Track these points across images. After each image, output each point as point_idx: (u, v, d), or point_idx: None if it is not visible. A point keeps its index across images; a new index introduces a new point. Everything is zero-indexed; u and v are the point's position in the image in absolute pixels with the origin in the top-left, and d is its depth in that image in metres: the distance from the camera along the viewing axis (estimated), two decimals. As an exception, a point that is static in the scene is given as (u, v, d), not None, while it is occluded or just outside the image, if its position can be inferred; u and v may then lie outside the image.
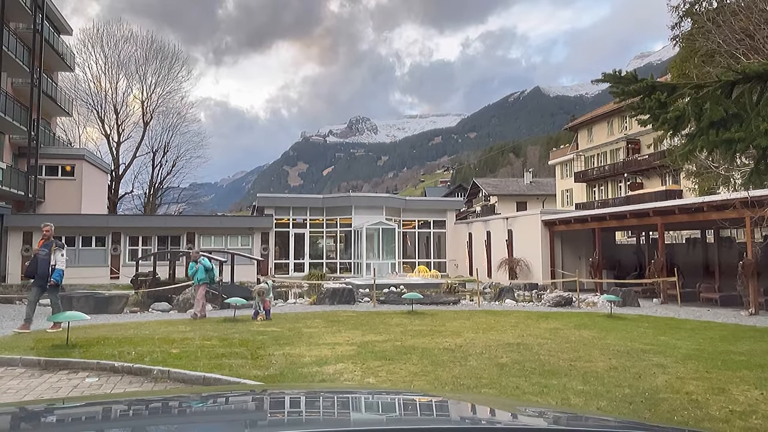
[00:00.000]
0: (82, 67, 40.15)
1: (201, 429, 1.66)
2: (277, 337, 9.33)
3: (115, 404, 2.03)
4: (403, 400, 2.15)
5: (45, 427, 1.65)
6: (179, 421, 1.75)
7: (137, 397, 2.54)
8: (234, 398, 2.15)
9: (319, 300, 16.46)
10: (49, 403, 2.34)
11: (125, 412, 1.88)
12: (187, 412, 1.87)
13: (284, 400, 2.06)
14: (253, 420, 1.79)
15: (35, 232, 24.66)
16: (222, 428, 1.66)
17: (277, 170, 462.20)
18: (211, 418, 1.81)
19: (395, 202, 32.23)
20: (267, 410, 1.91)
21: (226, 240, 28.59)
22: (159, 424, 1.72)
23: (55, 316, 8.44)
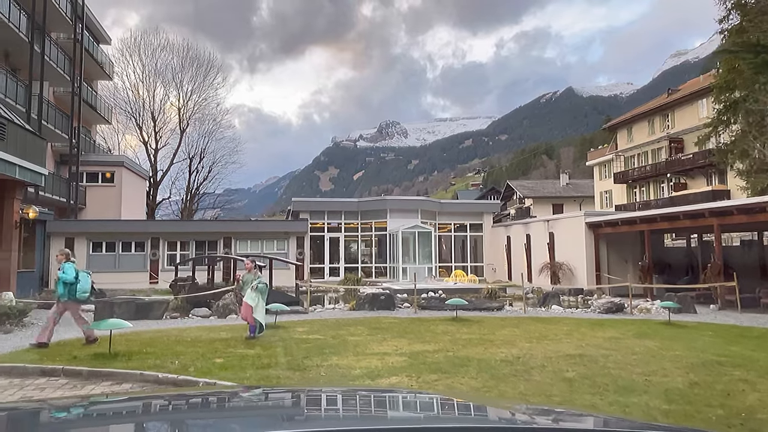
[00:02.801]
0: (121, 76, 40.99)
1: (201, 428, 1.65)
2: (321, 346, 8.95)
3: (115, 404, 2.04)
4: (404, 399, 2.17)
5: (45, 426, 1.65)
6: (179, 421, 1.75)
7: (138, 397, 2.51)
8: (234, 398, 2.14)
9: (358, 305, 16.07)
10: (50, 403, 2.32)
11: (126, 411, 1.89)
12: (187, 412, 1.86)
13: (284, 400, 2.06)
14: (253, 419, 1.77)
15: (77, 238, 25.09)
16: (221, 428, 1.65)
17: (308, 175, 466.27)
18: (210, 418, 1.80)
19: (431, 205, 31.69)
20: (266, 410, 1.90)
21: (262, 244, 28.55)
22: (159, 424, 1.72)
23: (98, 324, 8.25)
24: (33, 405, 2.17)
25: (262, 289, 10.43)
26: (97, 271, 25.00)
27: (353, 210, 30.65)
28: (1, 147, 11.90)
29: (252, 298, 10.20)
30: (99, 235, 25.67)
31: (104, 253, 25.73)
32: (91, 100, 33.40)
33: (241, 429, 1.62)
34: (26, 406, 2.05)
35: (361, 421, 1.75)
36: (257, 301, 10.22)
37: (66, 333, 10.56)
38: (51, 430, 1.65)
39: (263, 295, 10.43)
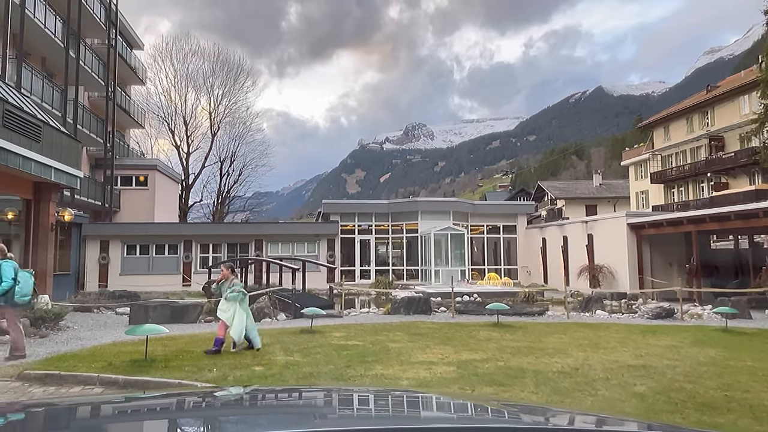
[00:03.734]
0: (153, 81, 41.50)
1: (201, 429, 1.63)
2: (362, 353, 8.54)
3: (116, 404, 2.03)
4: (404, 399, 2.16)
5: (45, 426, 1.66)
6: (179, 421, 1.74)
7: (139, 397, 2.48)
8: (234, 398, 2.14)
9: (393, 309, 15.63)
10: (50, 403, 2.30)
11: (126, 411, 1.87)
12: (187, 412, 1.86)
13: (284, 400, 2.06)
14: (253, 419, 1.77)
15: (112, 241, 25.30)
16: (222, 428, 1.64)
17: (335, 178, 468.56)
18: (211, 418, 1.78)
19: (463, 207, 31.09)
20: (266, 410, 1.91)
21: (293, 247, 28.41)
22: (159, 424, 1.71)
23: (133, 329, 8.01)
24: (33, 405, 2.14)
25: (233, 297, 8.97)
26: (132, 273, 25.31)
27: (384, 212, 30.26)
28: (36, 149, 11.86)
29: (224, 310, 8.95)
30: (133, 237, 25.84)
31: (138, 255, 25.88)
32: (124, 105, 33.83)
33: (241, 429, 1.62)
34: (28, 406, 2.03)
35: (362, 421, 1.75)
36: (232, 313, 8.85)
37: (103, 337, 10.42)
38: (51, 430, 1.65)
39: (242, 304, 9.05)
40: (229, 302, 9.01)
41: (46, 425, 1.68)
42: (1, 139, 10.50)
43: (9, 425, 1.58)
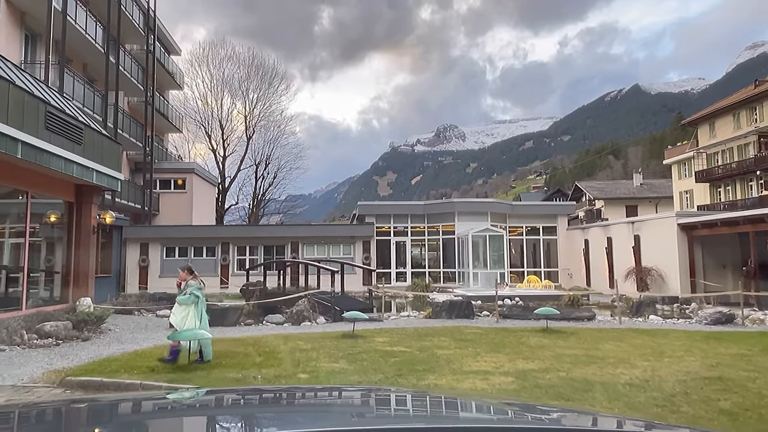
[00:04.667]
0: (190, 86, 42.08)
1: (201, 428, 1.64)
2: (411, 361, 8.13)
3: (117, 404, 2.03)
4: (403, 398, 2.19)
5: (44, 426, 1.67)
6: (179, 421, 1.75)
7: (139, 397, 2.45)
8: (234, 398, 2.14)
9: (434, 313, 15.16)
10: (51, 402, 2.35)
11: (127, 411, 1.86)
12: (187, 412, 1.86)
13: (283, 400, 2.07)
14: (252, 419, 1.75)
15: (151, 243, 25.57)
16: (221, 427, 1.62)
17: (367, 180, 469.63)
18: (211, 418, 1.77)
19: (501, 208, 30.38)
20: (266, 410, 1.90)
21: (328, 249, 28.23)
22: (159, 423, 1.72)
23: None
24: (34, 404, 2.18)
25: (184, 300, 8.20)
26: (171, 275, 25.44)
27: (419, 213, 29.82)
28: (78, 151, 11.88)
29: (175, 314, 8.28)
30: (172, 240, 26.06)
31: (177, 257, 26.08)
32: (163, 110, 34.30)
33: (241, 429, 1.61)
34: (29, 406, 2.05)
35: (362, 420, 1.74)
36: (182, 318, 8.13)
37: (144, 341, 10.29)
38: (51, 430, 1.65)
39: (197, 309, 8.25)
40: (181, 306, 8.32)
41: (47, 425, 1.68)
42: (43, 141, 10.50)
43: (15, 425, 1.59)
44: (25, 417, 1.75)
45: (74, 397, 4.09)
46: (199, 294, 8.37)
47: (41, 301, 12.30)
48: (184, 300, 8.27)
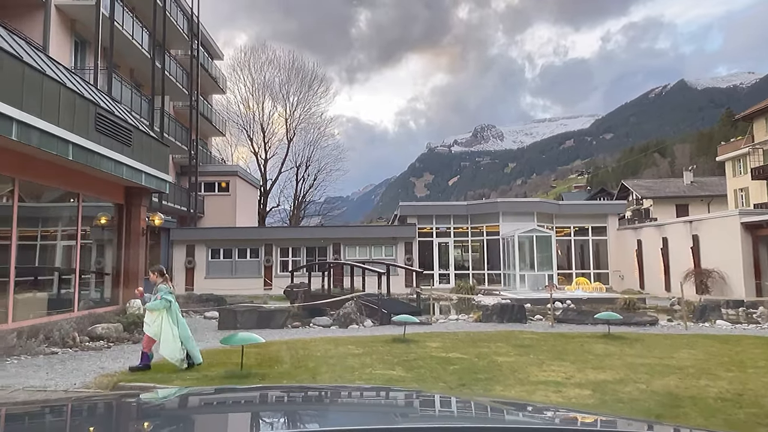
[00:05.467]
0: (232, 90, 42.65)
1: (200, 428, 1.63)
2: (471, 369, 7.67)
3: (116, 403, 2.04)
4: (403, 398, 2.18)
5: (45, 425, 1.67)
6: (179, 421, 1.73)
7: (139, 397, 2.39)
8: (234, 397, 2.13)
9: (484, 317, 14.61)
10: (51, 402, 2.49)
11: (127, 411, 1.86)
12: (186, 411, 1.86)
13: (283, 399, 2.06)
14: (252, 419, 1.74)
15: (197, 245, 25.84)
16: (221, 427, 1.63)
17: (404, 182, 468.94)
18: (211, 417, 1.77)
19: (547, 207, 29.46)
20: (266, 409, 1.90)
21: (370, 250, 27.96)
22: (159, 423, 1.70)
23: (228, 338, 7.56)
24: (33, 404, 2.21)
25: (155, 306, 7.54)
26: (216, 276, 25.72)
27: (462, 214, 29.21)
28: (127, 153, 11.89)
29: (148, 323, 7.60)
30: (217, 242, 26.29)
31: (222, 259, 26.30)
32: (207, 114, 34.78)
33: (240, 428, 1.62)
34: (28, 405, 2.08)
35: (362, 420, 1.72)
36: (158, 326, 7.49)
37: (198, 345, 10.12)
38: (49, 429, 1.66)
39: (171, 314, 7.58)
40: (152, 313, 7.58)
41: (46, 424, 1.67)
42: (93, 142, 10.52)
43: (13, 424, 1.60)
44: (15, 417, 1.72)
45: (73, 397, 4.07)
46: (171, 298, 7.67)
47: (92, 303, 12.38)
48: (154, 306, 7.55)
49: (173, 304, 7.65)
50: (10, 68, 8.25)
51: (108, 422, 1.73)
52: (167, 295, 7.62)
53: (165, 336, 7.44)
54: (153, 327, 7.51)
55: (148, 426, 1.67)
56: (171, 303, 7.59)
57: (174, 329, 7.51)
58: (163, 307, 7.52)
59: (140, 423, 1.72)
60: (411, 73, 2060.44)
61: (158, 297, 7.57)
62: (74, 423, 1.71)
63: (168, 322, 7.49)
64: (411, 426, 1.58)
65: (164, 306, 7.52)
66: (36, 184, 10.36)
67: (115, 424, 1.71)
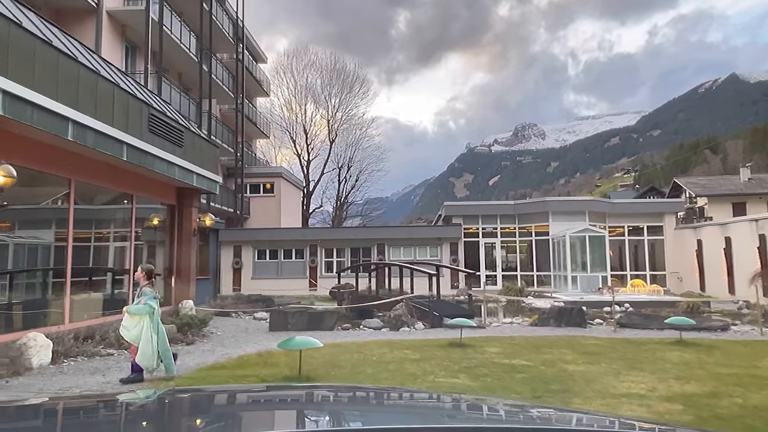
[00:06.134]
0: (276, 93, 43.04)
1: (200, 427, 1.61)
2: (541, 378, 7.17)
3: (116, 402, 2.04)
4: (403, 398, 2.19)
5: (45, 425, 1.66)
6: (178, 420, 1.73)
7: (140, 396, 2.31)
8: (234, 397, 2.12)
9: (541, 321, 13.98)
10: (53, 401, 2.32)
11: (127, 410, 1.86)
12: (186, 411, 1.85)
13: (283, 399, 2.05)
14: (252, 418, 1.75)
15: (244, 246, 26.03)
16: (222, 427, 1.61)
17: (443, 182, 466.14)
18: (211, 417, 1.76)
19: (600, 206, 28.38)
20: (266, 409, 1.89)
21: (414, 251, 27.56)
22: (160, 422, 1.70)
23: (286, 343, 7.30)
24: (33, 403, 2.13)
25: (138, 311, 7.04)
26: (262, 277, 25.83)
27: (509, 213, 28.45)
28: (179, 154, 11.89)
29: (128, 328, 7.07)
30: (263, 243, 26.42)
31: (268, 260, 26.41)
32: (251, 116, 35.13)
33: (241, 428, 1.61)
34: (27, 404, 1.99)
35: (362, 420, 1.75)
36: (138, 332, 7.01)
37: (247, 345, 9.98)
38: (47, 428, 1.65)
39: (153, 320, 7.08)
40: (133, 317, 7.05)
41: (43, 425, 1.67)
42: (147, 143, 10.51)
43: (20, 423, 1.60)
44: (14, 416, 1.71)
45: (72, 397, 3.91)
46: (155, 304, 7.16)
47: (146, 303, 12.41)
48: (137, 310, 7.04)
49: (157, 311, 7.17)
50: (66, 68, 8.25)
51: (108, 422, 1.72)
52: (151, 300, 7.14)
53: (143, 342, 6.96)
54: (132, 332, 7.01)
55: (147, 426, 1.67)
56: (154, 309, 7.11)
57: (153, 337, 7.02)
58: (146, 312, 7.03)
59: (140, 423, 1.72)
60: (450, 72, 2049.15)
61: (142, 301, 7.09)
62: (74, 423, 1.70)
63: (148, 328, 7.00)
64: (411, 426, 1.57)
65: (147, 311, 7.03)
66: (91, 185, 10.42)
67: (115, 424, 1.70)
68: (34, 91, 7.40)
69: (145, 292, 7.16)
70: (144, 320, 7.00)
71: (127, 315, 7.09)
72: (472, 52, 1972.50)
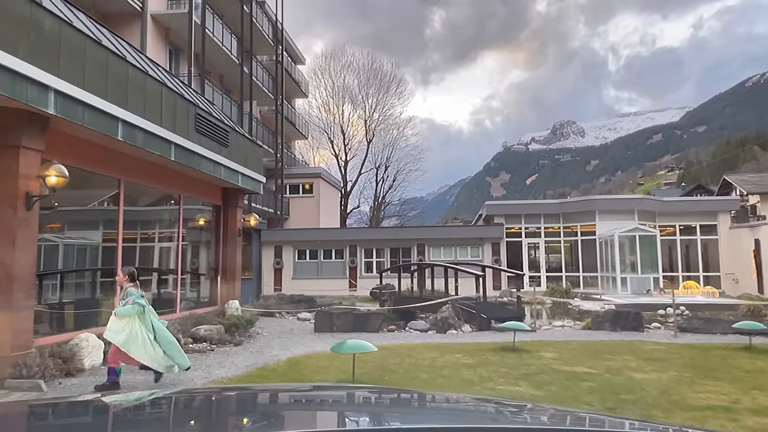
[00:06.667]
0: (313, 94, 43.20)
1: (198, 427, 1.63)
2: (608, 388, 6.70)
3: (117, 402, 2.08)
4: (403, 398, 2.18)
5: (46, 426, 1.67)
6: (179, 420, 1.73)
7: (140, 396, 2.35)
8: (234, 396, 2.13)
9: (594, 324, 13.37)
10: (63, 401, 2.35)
11: (128, 410, 1.87)
12: (187, 410, 1.85)
13: (282, 398, 2.06)
14: (252, 418, 1.73)
15: (284, 246, 26.10)
16: (224, 426, 1.63)
17: (479, 182, 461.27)
18: (211, 417, 1.78)
19: (649, 205, 27.33)
20: (266, 408, 1.89)
21: (455, 251, 27.11)
22: (157, 422, 1.72)
23: (339, 346, 7.06)
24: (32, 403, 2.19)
25: (124, 313, 6.58)
26: (302, 277, 25.83)
27: (554, 213, 27.68)
28: (225, 154, 11.85)
29: (115, 331, 6.56)
30: (303, 243, 26.44)
31: (308, 260, 26.41)
32: (290, 117, 35.30)
33: (242, 428, 1.60)
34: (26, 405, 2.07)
35: (363, 420, 1.75)
36: (126, 335, 6.52)
37: (294, 347, 9.80)
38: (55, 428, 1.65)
39: (144, 321, 6.65)
40: (121, 320, 6.58)
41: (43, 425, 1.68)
42: (194, 143, 10.46)
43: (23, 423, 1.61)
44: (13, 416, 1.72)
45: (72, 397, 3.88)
46: (144, 302, 6.75)
47: (192, 303, 12.45)
48: (126, 311, 6.57)
49: (148, 309, 6.77)
50: (116, 68, 8.23)
51: (108, 422, 1.71)
52: (139, 299, 6.71)
53: (142, 343, 6.56)
54: (121, 335, 6.49)
55: (153, 426, 1.67)
56: (144, 308, 6.72)
57: (148, 336, 6.64)
58: (136, 312, 6.62)
59: (146, 423, 1.71)
60: (486, 70, 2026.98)
61: (129, 302, 6.64)
62: (74, 423, 1.70)
63: (141, 329, 6.60)
64: (411, 426, 1.57)
65: (137, 311, 6.62)
66: (139, 185, 10.43)
67: (121, 424, 1.70)
68: (85, 90, 7.38)
69: (131, 293, 6.75)
70: (133, 322, 6.58)
71: (114, 318, 6.64)
72: (509, 50, 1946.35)
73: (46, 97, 6.76)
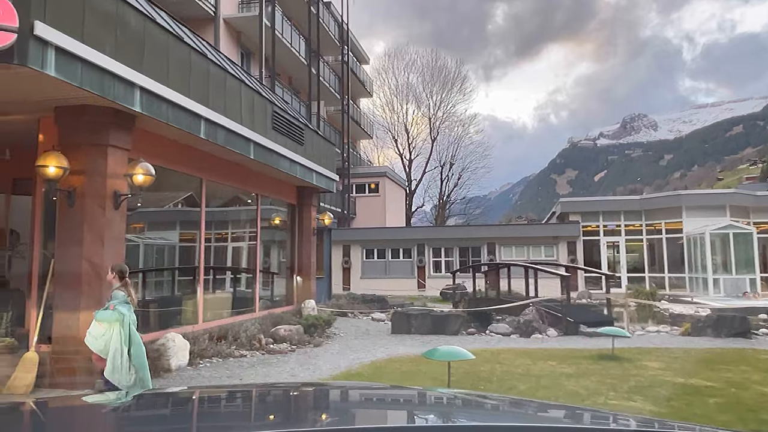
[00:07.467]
0: (377, 94, 43.08)
1: (198, 426, 1.60)
2: (741, 405, 5.89)
3: (117, 402, 2.04)
4: (404, 397, 2.15)
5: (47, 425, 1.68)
6: (178, 420, 1.72)
7: (139, 396, 2.30)
8: (234, 396, 2.12)
9: (694, 330, 12.25)
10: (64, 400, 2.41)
11: (127, 410, 1.86)
12: (186, 410, 1.84)
13: (282, 398, 2.04)
14: (252, 418, 1.74)
15: (352, 246, 26.01)
16: (222, 426, 1.59)
17: (543, 179, 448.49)
18: (211, 417, 1.76)
19: (742, 200, 25.27)
20: (266, 408, 1.88)
21: (528, 250, 26.10)
22: (157, 422, 1.70)
23: (432, 352, 6.61)
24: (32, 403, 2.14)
25: (105, 318, 5.65)
26: (370, 277, 25.64)
27: (634, 209, 26.11)
28: (300, 152, 11.70)
29: (95, 336, 5.62)
30: (371, 242, 26.26)
31: (375, 259, 26.20)
32: (356, 117, 35.29)
33: (240, 427, 1.59)
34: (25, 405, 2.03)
35: (363, 419, 1.72)
36: (106, 341, 5.58)
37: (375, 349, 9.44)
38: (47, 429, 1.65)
39: (125, 328, 5.64)
40: (101, 324, 5.66)
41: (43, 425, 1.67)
42: (272, 141, 10.33)
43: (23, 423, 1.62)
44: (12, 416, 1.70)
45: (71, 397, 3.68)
46: (125, 310, 5.76)
47: (270, 303, 12.38)
48: (103, 317, 5.69)
49: (128, 317, 5.75)
50: (198, 65, 8.15)
51: (108, 422, 1.71)
52: (122, 305, 5.78)
53: (112, 354, 5.59)
54: (99, 341, 5.62)
55: (155, 424, 1.66)
56: (124, 316, 5.73)
57: (123, 348, 5.67)
58: (114, 320, 5.67)
59: (139, 423, 1.70)
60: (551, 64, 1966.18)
61: (111, 306, 5.74)
62: (73, 423, 1.69)
63: (118, 338, 5.63)
64: (412, 425, 1.55)
65: (116, 319, 5.67)
66: (220, 184, 10.41)
67: (115, 424, 1.70)
68: (169, 87, 7.30)
69: (115, 296, 5.84)
70: (114, 328, 5.67)
71: (95, 322, 5.79)
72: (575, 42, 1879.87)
73: (132, 95, 6.70)
